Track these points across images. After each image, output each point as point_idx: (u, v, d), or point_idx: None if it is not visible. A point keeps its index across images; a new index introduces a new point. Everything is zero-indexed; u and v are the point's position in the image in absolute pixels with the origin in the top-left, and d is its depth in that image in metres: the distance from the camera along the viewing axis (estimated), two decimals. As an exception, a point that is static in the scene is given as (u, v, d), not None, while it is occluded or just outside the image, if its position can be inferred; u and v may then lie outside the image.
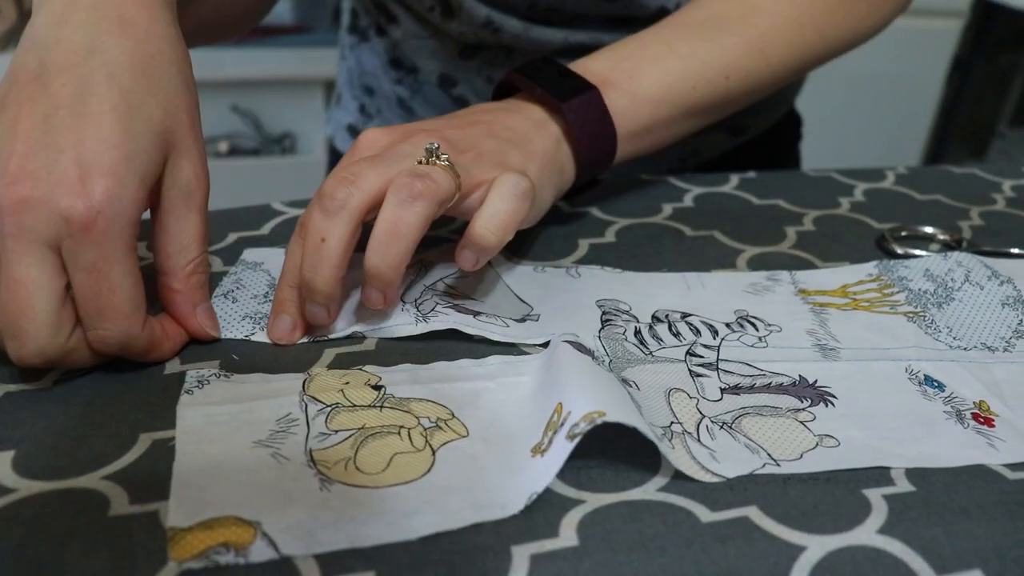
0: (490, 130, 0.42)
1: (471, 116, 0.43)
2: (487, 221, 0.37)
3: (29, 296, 0.30)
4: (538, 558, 0.27)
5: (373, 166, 0.36)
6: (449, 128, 0.41)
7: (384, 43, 0.64)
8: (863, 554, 0.27)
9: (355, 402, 0.33)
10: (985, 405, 0.35)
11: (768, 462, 0.31)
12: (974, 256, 0.46)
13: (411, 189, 0.35)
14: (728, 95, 0.50)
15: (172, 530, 0.26)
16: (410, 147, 0.38)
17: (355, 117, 0.70)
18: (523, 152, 0.41)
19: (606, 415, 0.29)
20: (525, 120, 0.43)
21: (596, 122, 0.45)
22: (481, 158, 0.39)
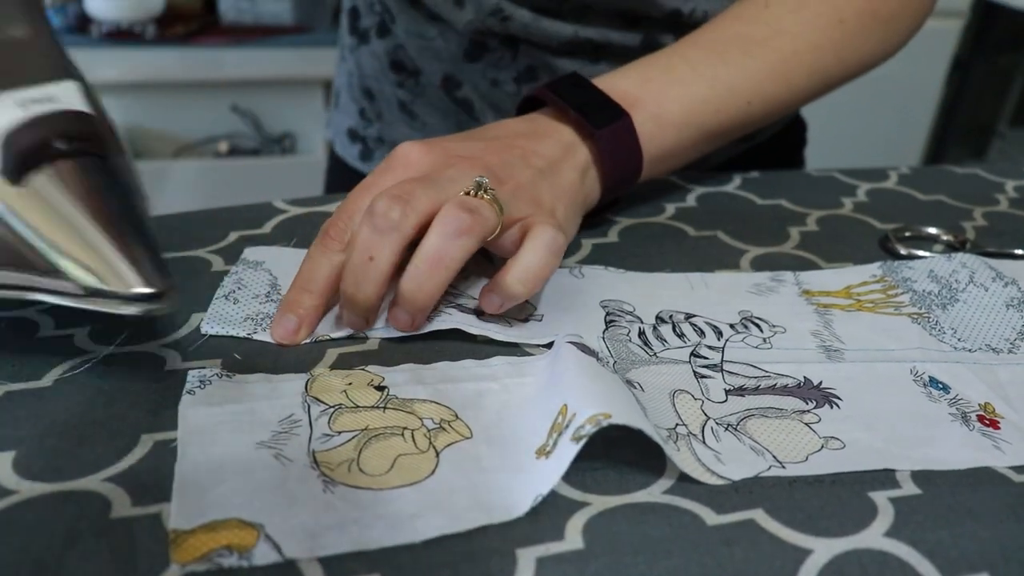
0: (525, 158, 0.41)
1: (505, 138, 0.43)
2: (520, 274, 0.36)
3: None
4: (543, 561, 0.27)
5: (425, 189, 0.36)
6: (489, 153, 0.40)
7: (385, 45, 0.64)
8: (870, 557, 0.27)
9: (358, 403, 0.33)
10: (990, 407, 0.35)
11: (774, 464, 0.31)
12: (978, 257, 0.46)
13: (460, 223, 0.35)
14: (749, 119, 0.50)
15: (174, 532, 0.26)
16: (457, 173, 0.38)
17: (355, 121, 0.69)
18: (553, 187, 0.41)
19: (612, 417, 0.29)
20: (556, 145, 0.43)
21: (626, 149, 0.45)
22: (519, 193, 0.39)
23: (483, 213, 0.36)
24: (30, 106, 0.31)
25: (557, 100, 0.45)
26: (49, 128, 0.31)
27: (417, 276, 0.35)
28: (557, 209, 0.41)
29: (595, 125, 0.44)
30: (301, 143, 1.85)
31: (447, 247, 0.35)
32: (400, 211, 0.35)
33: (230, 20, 1.79)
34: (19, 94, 0.31)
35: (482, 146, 0.41)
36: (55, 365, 0.34)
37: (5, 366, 0.34)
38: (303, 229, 0.47)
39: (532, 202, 0.39)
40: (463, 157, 0.40)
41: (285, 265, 0.42)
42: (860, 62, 0.52)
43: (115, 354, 0.35)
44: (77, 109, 0.32)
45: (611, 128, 0.44)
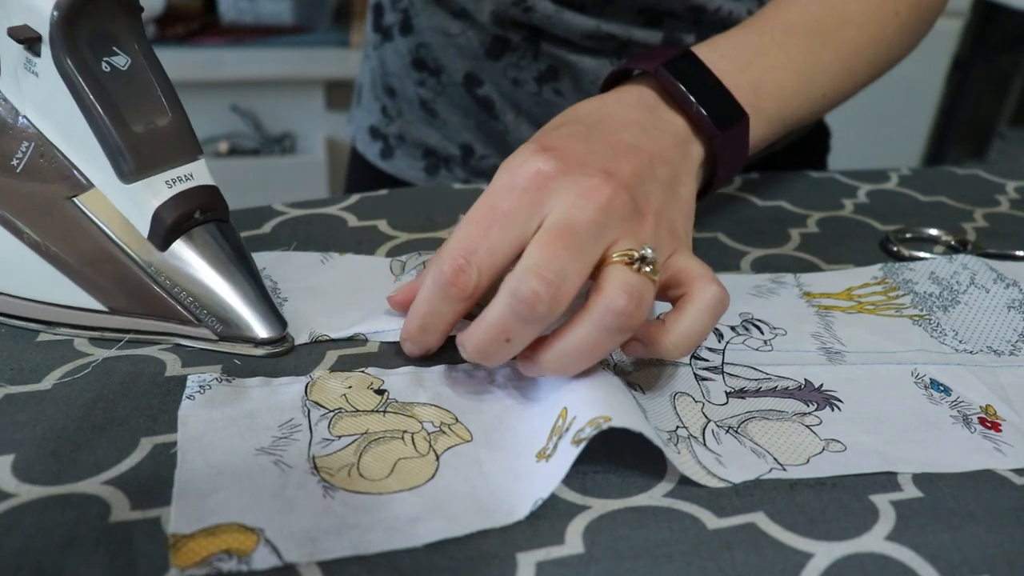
0: (653, 167, 0.36)
1: (625, 134, 0.36)
2: (681, 340, 0.32)
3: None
4: (544, 565, 0.26)
5: (572, 259, 0.30)
6: (622, 163, 0.34)
7: (408, 43, 0.64)
8: (871, 561, 0.27)
9: (358, 407, 0.33)
10: (992, 409, 0.35)
11: (775, 467, 0.31)
12: (980, 259, 0.46)
13: (621, 320, 0.30)
14: (819, 114, 0.47)
15: (174, 537, 0.26)
16: (604, 217, 0.31)
17: (377, 118, 0.69)
18: (680, 204, 0.37)
19: (612, 420, 0.29)
20: (672, 142, 0.38)
21: (737, 152, 0.41)
22: (660, 226, 0.34)
23: (646, 300, 0.31)
24: (176, 184, 0.36)
25: (679, 89, 0.39)
26: (189, 203, 0.36)
27: (561, 361, 0.31)
28: (688, 233, 0.37)
29: (719, 126, 0.39)
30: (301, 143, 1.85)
31: (603, 342, 0.30)
32: (548, 303, 0.30)
33: (230, 20, 1.79)
34: (168, 174, 0.35)
35: (610, 152, 0.35)
36: (55, 368, 0.34)
37: (5, 369, 0.34)
38: (303, 230, 0.47)
39: (671, 234, 0.35)
40: (605, 174, 0.33)
41: (285, 270, 0.42)
42: (897, 59, 0.51)
43: (115, 358, 0.35)
44: (208, 184, 0.37)
45: (732, 131, 0.40)
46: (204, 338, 0.36)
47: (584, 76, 0.58)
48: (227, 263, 0.36)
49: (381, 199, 0.51)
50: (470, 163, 0.66)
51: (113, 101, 0.34)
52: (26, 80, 0.35)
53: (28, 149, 0.35)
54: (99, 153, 0.34)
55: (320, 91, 1.77)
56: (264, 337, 0.36)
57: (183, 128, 0.36)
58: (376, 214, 0.49)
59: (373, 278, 0.42)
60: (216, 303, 0.36)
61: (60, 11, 0.32)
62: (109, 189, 0.35)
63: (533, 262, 0.30)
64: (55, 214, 0.35)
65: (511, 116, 0.62)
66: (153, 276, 0.35)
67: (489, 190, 0.33)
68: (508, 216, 0.31)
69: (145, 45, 0.35)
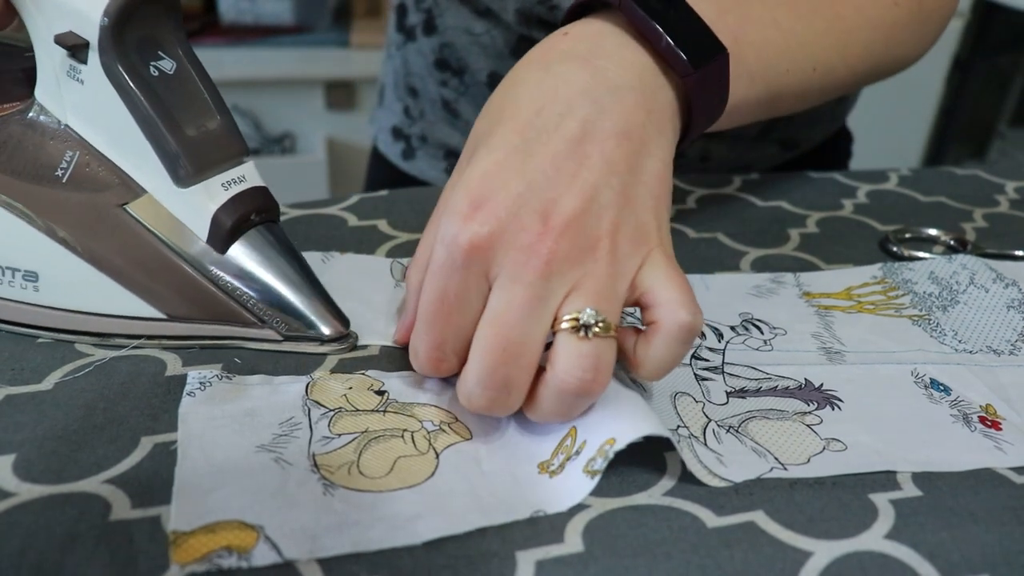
0: (608, 163, 0.31)
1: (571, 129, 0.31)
2: (651, 373, 0.31)
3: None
4: (543, 564, 0.26)
5: (516, 357, 0.29)
6: (557, 186, 0.30)
7: (432, 43, 0.63)
8: (870, 559, 0.27)
9: (358, 406, 0.33)
10: (992, 408, 0.35)
11: (775, 466, 0.31)
12: (979, 259, 0.46)
13: (587, 390, 0.29)
14: (808, 91, 0.44)
15: (174, 534, 0.26)
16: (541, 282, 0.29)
17: (399, 119, 0.69)
18: (646, 186, 0.32)
19: (616, 443, 0.29)
20: (633, 97, 0.33)
21: (715, 94, 0.36)
22: (617, 248, 0.30)
23: (605, 361, 0.29)
24: (231, 187, 0.35)
25: (644, 20, 0.34)
26: (246, 205, 0.35)
27: (544, 418, 0.31)
28: (661, 220, 0.32)
29: (693, 63, 0.34)
30: (301, 143, 1.85)
31: (570, 409, 0.30)
32: (504, 406, 0.30)
33: (230, 20, 1.80)
34: (222, 177, 0.35)
35: (551, 173, 0.31)
36: (55, 368, 0.34)
37: (5, 370, 0.34)
38: (303, 230, 0.47)
39: (636, 240, 0.31)
40: (541, 221, 0.30)
41: None
42: (900, 57, 0.49)
43: (115, 358, 0.35)
44: (260, 184, 0.37)
45: (708, 69, 0.35)
46: (268, 339, 0.36)
47: None
48: (286, 263, 0.36)
49: (381, 199, 0.51)
50: None
51: (166, 106, 0.33)
52: (69, 88, 0.34)
53: (73, 158, 0.35)
54: (151, 159, 0.34)
55: (320, 91, 1.77)
56: (329, 335, 0.36)
57: (232, 130, 0.36)
58: (376, 214, 0.49)
59: (374, 278, 0.42)
60: (281, 303, 0.35)
61: (110, 17, 0.32)
62: (163, 194, 0.34)
63: (477, 374, 0.30)
64: (106, 223, 0.35)
65: None
66: (214, 280, 0.35)
67: (433, 272, 0.31)
68: (460, 300, 0.30)
69: (187, 48, 0.35)
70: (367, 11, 1.94)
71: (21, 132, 0.35)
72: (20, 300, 0.36)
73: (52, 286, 0.36)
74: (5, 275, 0.36)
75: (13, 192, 0.35)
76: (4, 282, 0.36)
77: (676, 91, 0.35)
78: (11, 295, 0.36)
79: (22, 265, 0.35)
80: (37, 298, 0.36)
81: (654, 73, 0.34)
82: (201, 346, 0.36)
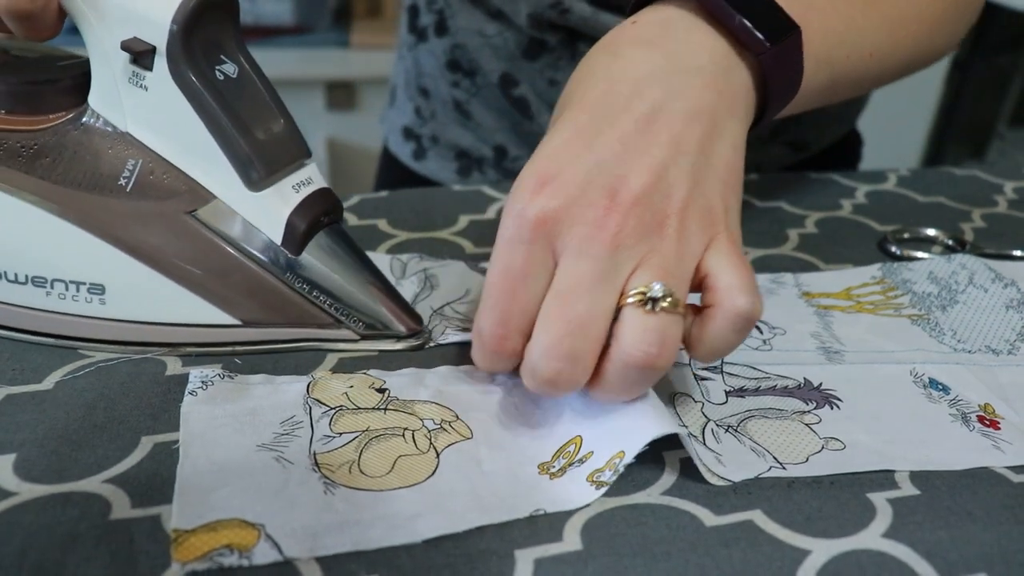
0: (678, 142, 0.31)
1: (641, 109, 0.31)
2: (706, 354, 0.31)
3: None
4: (542, 562, 0.27)
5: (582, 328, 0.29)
6: (627, 162, 0.30)
7: (443, 44, 0.64)
8: (868, 558, 0.27)
9: (359, 404, 0.33)
10: (990, 408, 0.35)
11: (774, 465, 0.31)
12: (978, 258, 0.46)
13: (652, 366, 0.29)
14: (865, 77, 0.43)
15: (176, 532, 0.26)
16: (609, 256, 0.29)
17: (410, 119, 0.69)
18: (715, 169, 0.32)
19: (625, 456, 0.29)
20: (703, 79, 0.33)
21: (791, 72, 0.36)
22: (685, 227, 0.30)
23: (672, 337, 0.29)
24: (302, 189, 0.35)
25: (716, 1, 0.34)
26: (317, 206, 0.35)
27: (608, 398, 0.31)
28: (730, 205, 0.32)
29: (768, 40, 0.33)
30: (301, 144, 1.85)
31: (634, 386, 0.30)
32: (569, 380, 0.30)
33: (230, 21, 1.79)
34: (291, 178, 0.35)
35: (619, 150, 0.31)
36: (56, 368, 0.34)
37: (6, 370, 0.34)
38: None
39: (704, 221, 0.31)
40: (609, 197, 0.30)
41: None
42: (941, 46, 0.49)
43: (116, 358, 0.35)
44: (326, 186, 0.37)
45: (783, 46, 0.34)
46: (346, 339, 0.36)
47: None
48: (357, 263, 0.36)
49: (381, 199, 0.51)
50: (503, 164, 0.66)
51: (234, 109, 0.33)
52: (131, 95, 0.33)
53: (136, 167, 0.34)
54: (220, 164, 0.33)
55: (320, 91, 1.77)
56: (406, 332, 0.36)
57: (295, 131, 0.36)
58: (376, 214, 0.49)
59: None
60: (358, 303, 0.35)
61: (179, 23, 0.31)
62: (234, 199, 0.34)
63: (543, 345, 0.29)
64: (175, 230, 0.34)
65: (546, 116, 0.62)
66: (289, 283, 0.35)
67: (500, 245, 0.31)
68: (526, 275, 0.30)
69: (246, 50, 0.35)
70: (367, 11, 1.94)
71: (76, 142, 0.34)
72: (85, 315, 0.35)
73: (119, 298, 0.35)
74: (69, 289, 0.35)
75: (74, 203, 0.34)
76: (68, 297, 0.35)
77: (751, 71, 0.34)
78: (76, 310, 0.35)
79: (87, 278, 0.35)
80: (103, 311, 0.35)
81: (727, 54, 0.34)
82: (275, 351, 0.36)
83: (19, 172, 0.34)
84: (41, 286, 0.35)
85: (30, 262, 0.35)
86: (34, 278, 0.35)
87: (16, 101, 0.35)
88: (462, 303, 0.41)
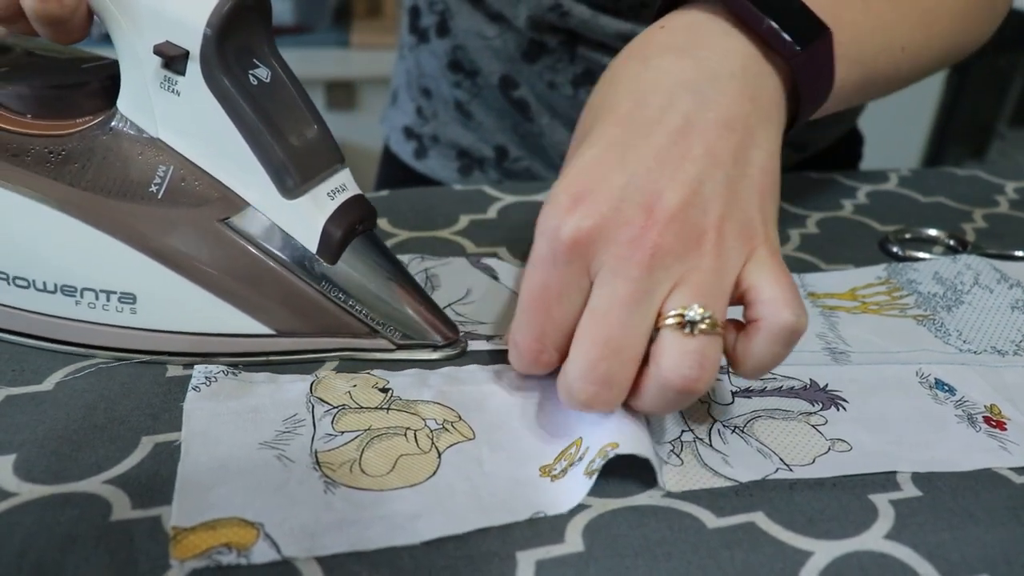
0: (713, 154, 0.30)
1: (674, 121, 0.31)
2: (752, 372, 0.30)
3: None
4: (543, 564, 0.26)
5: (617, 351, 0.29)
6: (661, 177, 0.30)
7: (445, 45, 0.64)
8: (870, 559, 0.27)
9: (362, 404, 0.33)
10: (996, 409, 0.35)
11: (781, 467, 0.31)
12: (983, 259, 0.46)
13: (692, 389, 0.28)
14: (897, 73, 0.42)
15: (175, 530, 0.26)
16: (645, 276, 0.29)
17: (412, 119, 0.69)
18: (751, 180, 0.31)
19: (619, 447, 0.29)
20: (735, 85, 0.32)
21: (823, 75, 0.35)
22: (723, 243, 0.29)
23: (711, 359, 0.28)
24: (336, 195, 0.35)
25: (743, 4, 0.33)
26: (353, 214, 0.35)
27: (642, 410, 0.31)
28: (767, 216, 0.31)
29: (798, 43, 0.33)
30: (301, 143, 1.85)
31: (673, 404, 0.29)
32: (606, 402, 0.29)
33: (230, 20, 1.79)
34: (326, 185, 0.34)
35: (652, 166, 0.30)
36: (56, 369, 0.34)
37: (6, 371, 0.34)
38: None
39: (742, 236, 0.30)
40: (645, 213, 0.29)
41: None
42: (974, 39, 0.48)
43: (116, 359, 0.35)
44: (360, 193, 0.36)
45: (813, 49, 0.33)
46: (382, 348, 0.36)
47: None
48: (393, 271, 0.36)
49: (381, 199, 0.51)
50: (504, 165, 0.66)
51: (269, 115, 0.32)
52: (162, 100, 0.33)
53: (167, 173, 0.33)
54: (254, 170, 0.33)
55: (320, 91, 1.77)
56: (443, 341, 0.36)
57: (328, 137, 0.35)
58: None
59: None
60: (395, 312, 0.35)
61: (213, 27, 0.31)
62: (268, 206, 0.33)
63: (579, 368, 0.29)
64: (208, 238, 0.33)
65: (546, 118, 0.62)
66: (325, 292, 0.34)
67: (534, 264, 0.30)
68: (561, 295, 0.30)
69: (278, 54, 0.34)
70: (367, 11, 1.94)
71: (104, 148, 0.33)
72: (116, 324, 0.34)
73: (151, 307, 0.34)
74: (99, 299, 0.34)
75: (103, 211, 0.33)
76: (98, 306, 0.34)
77: (781, 76, 0.34)
78: (106, 319, 0.34)
79: (117, 287, 0.34)
80: (134, 320, 0.34)
81: (757, 60, 0.33)
82: (310, 360, 0.35)
83: (47, 178, 0.33)
84: (70, 295, 0.34)
85: (59, 271, 0.34)
86: (63, 287, 0.34)
87: (41, 105, 0.34)
88: (464, 304, 0.41)
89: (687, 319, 0.28)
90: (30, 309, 0.35)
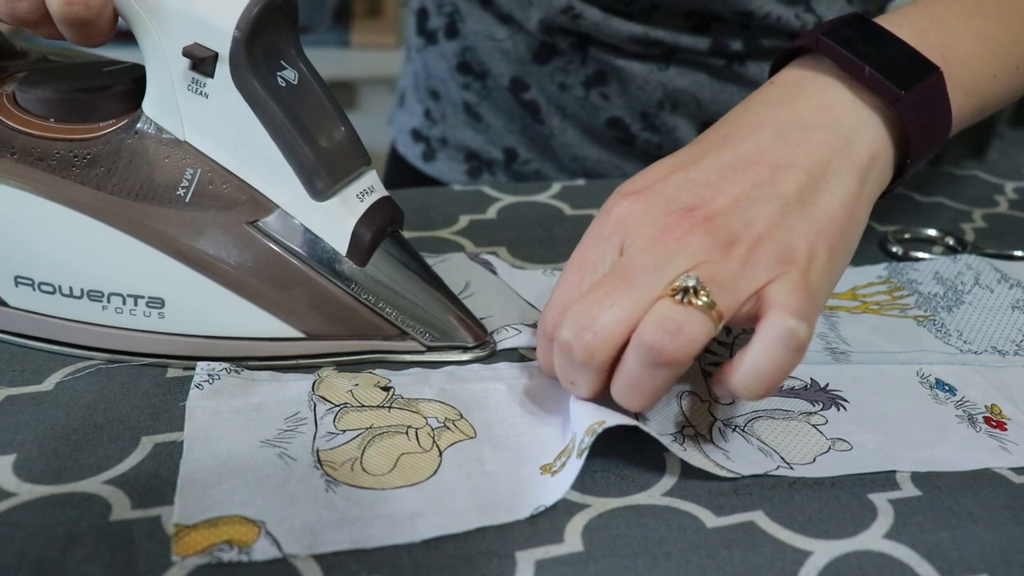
0: (773, 182, 0.31)
1: (748, 150, 0.33)
2: (747, 379, 0.29)
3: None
4: (543, 563, 0.26)
5: (612, 304, 0.29)
6: (721, 192, 0.31)
7: (454, 47, 0.64)
8: (869, 559, 0.27)
9: (363, 402, 0.33)
10: (997, 409, 0.35)
11: (781, 465, 0.31)
12: (983, 259, 0.46)
13: (659, 354, 0.28)
14: (1014, 90, 0.42)
15: (177, 527, 0.26)
16: (662, 257, 0.30)
17: (419, 121, 0.69)
18: (812, 220, 0.31)
19: (605, 422, 0.29)
20: (821, 136, 0.33)
21: (933, 113, 0.35)
22: (757, 253, 0.30)
23: (688, 332, 0.28)
24: (365, 197, 0.35)
25: (842, 55, 0.34)
26: (381, 216, 0.35)
27: (622, 395, 0.30)
28: (817, 255, 0.30)
29: (900, 85, 0.33)
30: (302, 144, 1.85)
31: (645, 377, 0.29)
32: (581, 351, 0.29)
33: (231, 21, 1.79)
34: (354, 187, 0.34)
35: (714, 177, 0.32)
36: (56, 369, 0.34)
37: (7, 371, 0.34)
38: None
39: (778, 257, 0.30)
40: (687, 211, 0.31)
41: None
42: None
43: (116, 359, 0.35)
44: (387, 194, 0.36)
45: (919, 89, 0.34)
46: (412, 351, 0.35)
47: (632, 81, 0.58)
48: (422, 273, 0.35)
49: (382, 199, 0.51)
50: (513, 167, 0.66)
51: (298, 117, 0.32)
52: (190, 102, 0.32)
53: (194, 176, 0.33)
54: (283, 172, 0.32)
55: (320, 91, 1.77)
56: (473, 342, 0.36)
57: (355, 138, 0.35)
58: (377, 214, 0.49)
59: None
60: (425, 314, 0.35)
61: (242, 30, 0.30)
62: (297, 208, 0.33)
63: (573, 310, 0.30)
64: (237, 241, 0.33)
65: (557, 120, 0.62)
66: (355, 294, 0.34)
67: (582, 240, 0.33)
68: (596, 266, 0.32)
69: (304, 55, 0.34)
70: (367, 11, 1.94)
71: (131, 151, 0.33)
72: (144, 329, 0.34)
73: (180, 311, 0.34)
74: (127, 303, 0.34)
75: (131, 214, 0.33)
76: (126, 311, 0.34)
77: (887, 123, 0.34)
78: (134, 324, 0.34)
79: (146, 291, 0.33)
80: (163, 325, 0.34)
81: (859, 109, 0.34)
82: (340, 363, 0.35)
83: (73, 183, 0.33)
84: (97, 300, 0.34)
85: (86, 276, 0.34)
86: (90, 292, 0.34)
87: (65, 109, 0.34)
88: (463, 297, 0.41)
89: (681, 286, 0.29)
90: (57, 315, 0.34)
